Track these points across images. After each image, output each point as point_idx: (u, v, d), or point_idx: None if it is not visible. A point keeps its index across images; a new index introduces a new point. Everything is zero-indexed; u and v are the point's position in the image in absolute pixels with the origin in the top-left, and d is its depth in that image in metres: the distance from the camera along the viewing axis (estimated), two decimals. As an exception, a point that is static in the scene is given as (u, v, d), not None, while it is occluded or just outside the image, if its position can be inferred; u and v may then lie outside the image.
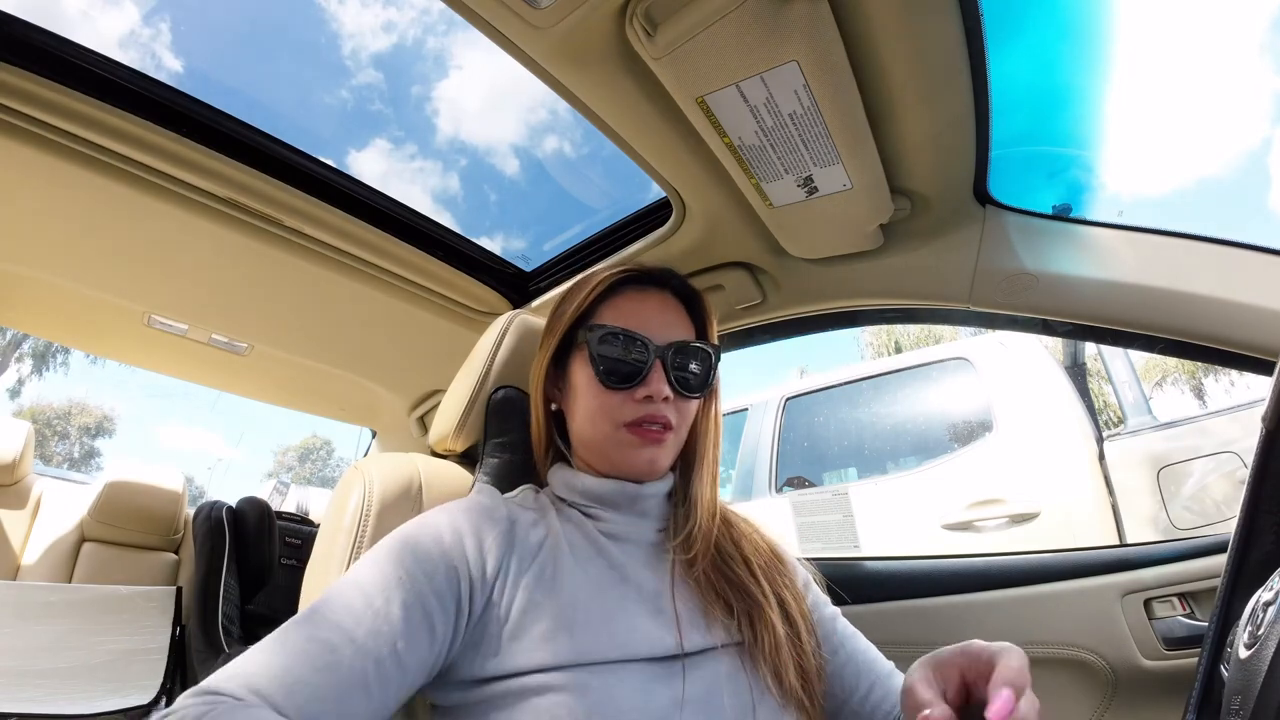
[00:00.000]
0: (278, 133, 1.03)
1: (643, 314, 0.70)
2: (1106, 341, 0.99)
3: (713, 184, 0.93)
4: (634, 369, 0.66)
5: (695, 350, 0.70)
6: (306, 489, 4.24)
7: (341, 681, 0.47)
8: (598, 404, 0.67)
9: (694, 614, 0.61)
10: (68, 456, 21.65)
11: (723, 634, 0.61)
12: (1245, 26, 25.78)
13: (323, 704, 0.46)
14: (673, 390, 0.67)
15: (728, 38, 0.66)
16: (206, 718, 0.42)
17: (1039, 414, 2.52)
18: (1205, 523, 2.21)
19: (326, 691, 0.46)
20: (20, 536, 2.26)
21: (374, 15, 27.62)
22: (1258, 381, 1.06)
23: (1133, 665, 0.98)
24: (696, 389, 0.69)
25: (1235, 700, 0.46)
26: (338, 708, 0.47)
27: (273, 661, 0.47)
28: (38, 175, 0.97)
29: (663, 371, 0.66)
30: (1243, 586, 0.54)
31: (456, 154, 27.77)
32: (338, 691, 0.47)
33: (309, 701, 0.46)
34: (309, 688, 0.46)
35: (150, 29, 16.09)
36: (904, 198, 0.92)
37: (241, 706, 0.44)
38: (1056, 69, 0.89)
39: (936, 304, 1.05)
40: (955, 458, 2.59)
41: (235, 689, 0.45)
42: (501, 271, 1.35)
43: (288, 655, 0.47)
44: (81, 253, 1.19)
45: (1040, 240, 0.94)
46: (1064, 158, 1.00)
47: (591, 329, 0.69)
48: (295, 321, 1.40)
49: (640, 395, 0.66)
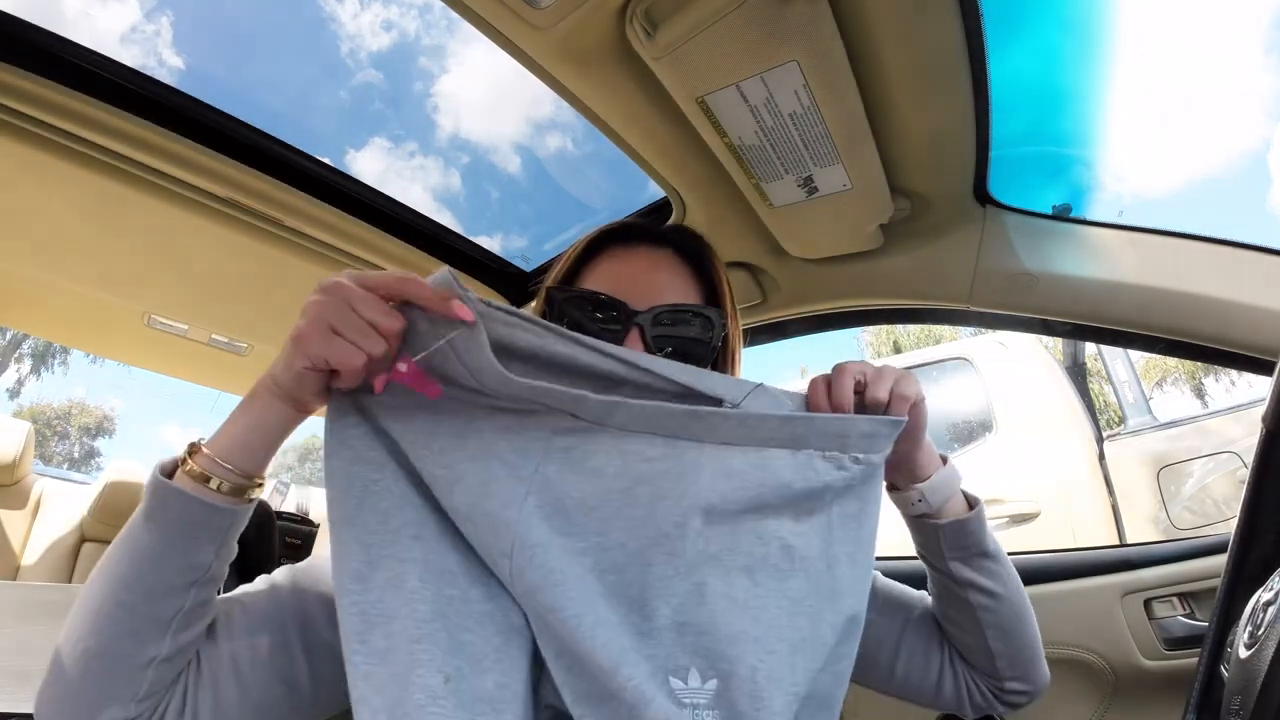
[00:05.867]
0: (277, 132, 1.03)
1: (624, 275, 0.62)
2: (1106, 341, 0.98)
3: (713, 184, 0.93)
4: (604, 338, 0.54)
5: (687, 315, 0.60)
6: (307, 489, 4.23)
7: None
8: None
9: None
10: (68, 456, 21.64)
11: None
12: (1246, 25, 25.79)
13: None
14: None
15: (728, 38, 0.66)
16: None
17: (1039, 414, 2.52)
18: (1205, 523, 2.21)
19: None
20: (20, 536, 2.26)
21: (374, 15, 27.62)
22: (1258, 381, 1.06)
23: (1133, 665, 0.98)
24: (691, 362, 0.57)
25: (1235, 700, 0.46)
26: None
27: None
28: (38, 175, 0.97)
29: (640, 341, 0.58)
30: (1243, 586, 0.54)
31: (456, 152, 27.80)
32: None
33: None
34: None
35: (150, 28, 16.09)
36: (904, 198, 0.92)
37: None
38: (1057, 69, 0.89)
39: (936, 304, 1.05)
40: (956, 458, 2.59)
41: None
42: (501, 271, 1.35)
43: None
44: (81, 253, 1.19)
45: (1040, 240, 0.94)
46: (1064, 158, 1.00)
47: (557, 291, 0.62)
48: (295, 321, 1.40)
49: None
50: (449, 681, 0.43)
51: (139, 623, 0.44)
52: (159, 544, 0.44)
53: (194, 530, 0.45)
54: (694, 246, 0.68)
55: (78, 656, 0.44)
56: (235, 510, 0.46)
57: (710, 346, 0.62)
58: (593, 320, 0.60)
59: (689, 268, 0.66)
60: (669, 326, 0.60)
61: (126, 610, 0.44)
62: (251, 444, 0.47)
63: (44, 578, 2.20)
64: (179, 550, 0.44)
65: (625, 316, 0.59)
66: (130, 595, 0.44)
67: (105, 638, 0.44)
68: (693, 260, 0.67)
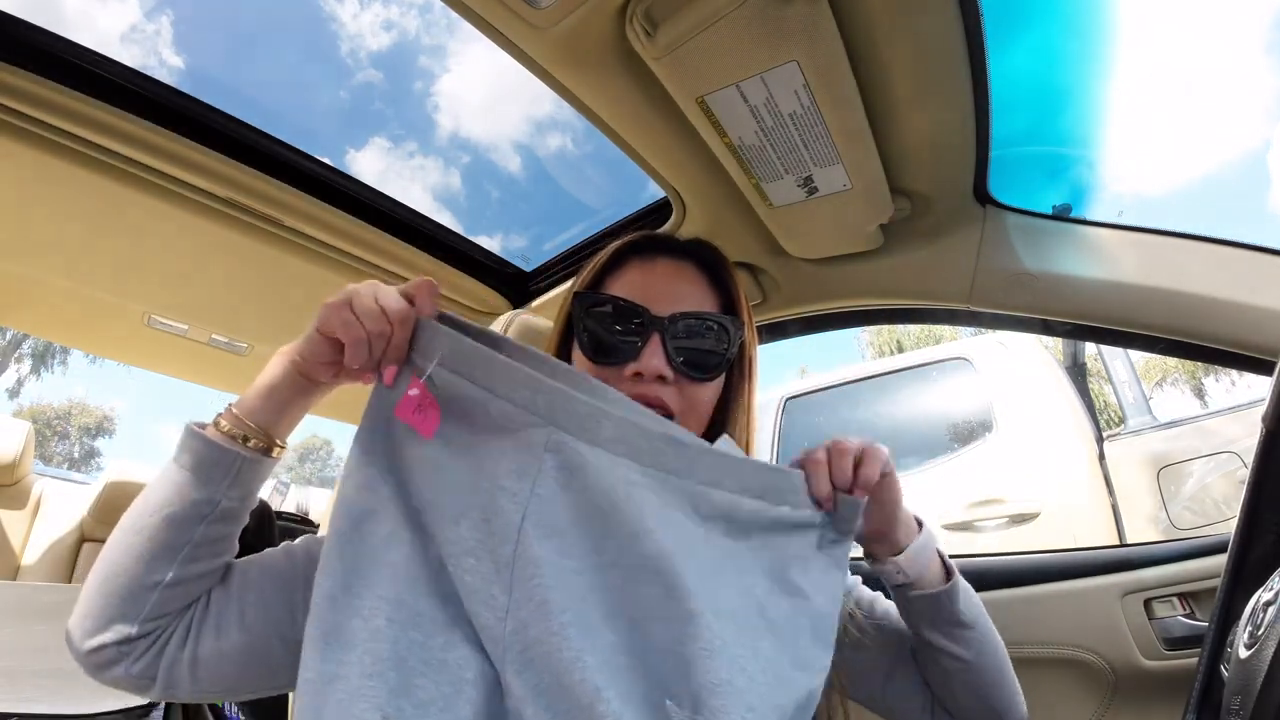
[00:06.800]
0: (277, 133, 1.03)
1: (645, 282, 0.65)
2: (1106, 341, 0.98)
3: (713, 184, 0.93)
4: (626, 342, 0.60)
5: (707, 323, 0.62)
6: (306, 489, 4.25)
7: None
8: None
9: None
10: (68, 456, 21.66)
11: None
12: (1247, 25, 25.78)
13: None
14: (673, 369, 0.60)
15: (728, 38, 0.66)
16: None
17: (1039, 414, 2.52)
18: (1205, 523, 2.21)
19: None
20: (20, 536, 2.26)
21: (374, 14, 27.62)
22: (1258, 381, 1.06)
23: (1133, 665, 0.98)
24: (706, 369, 0.62)
25: (1235, 700, 0.46)
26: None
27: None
28: (38, 175, 0.97)
29: (660, 346, 0.60)
30: (1243, 586, 0.54)
31: (456, 152, 27.81)
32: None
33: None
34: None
35: (150, 28, 16.11)
36: (904, 198, 0.92)
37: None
38: (1057, 68, 0.89)
39: (936, 304, 1.05)
40: (956, 458, 2.59)
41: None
42: (501, 271, 1.35)
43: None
44: (81, 253, 1.19)
45: (1040, 240, 0.94)
46: (1064, 157, 1.00)
47: (583, 297, 0.64)
48: (295, 321, 1.39)
49: (630, 372, 0.60)
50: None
51: (150, 546, 0.50)
52: (178, 478, 0.51)
53: (207, 466, 0.51)
54: (713, 260, 0.70)
55: (97, 575, 0.50)
56: (244, 455, 0.52)
57: (725, 357, 0.64)
58: (616, 324, 0.61)
59: (708, 279, 0.68)
60: (688, 333, 0.61)
61: (141, 536, 0.50)
62: (266, 403, 0.53)
63: (44, 578, 2.20)
64: (193, 485, 0.50)
65: (647, 321, 0.60)
66: (147, 521, 0.50)
67: (118, 557, 0.50)
68: (711, 273, 0.69)
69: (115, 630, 0.49)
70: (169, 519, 0.50)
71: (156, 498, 0.51)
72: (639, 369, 0.59)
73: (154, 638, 0.51)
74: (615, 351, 0.60)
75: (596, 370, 0.61)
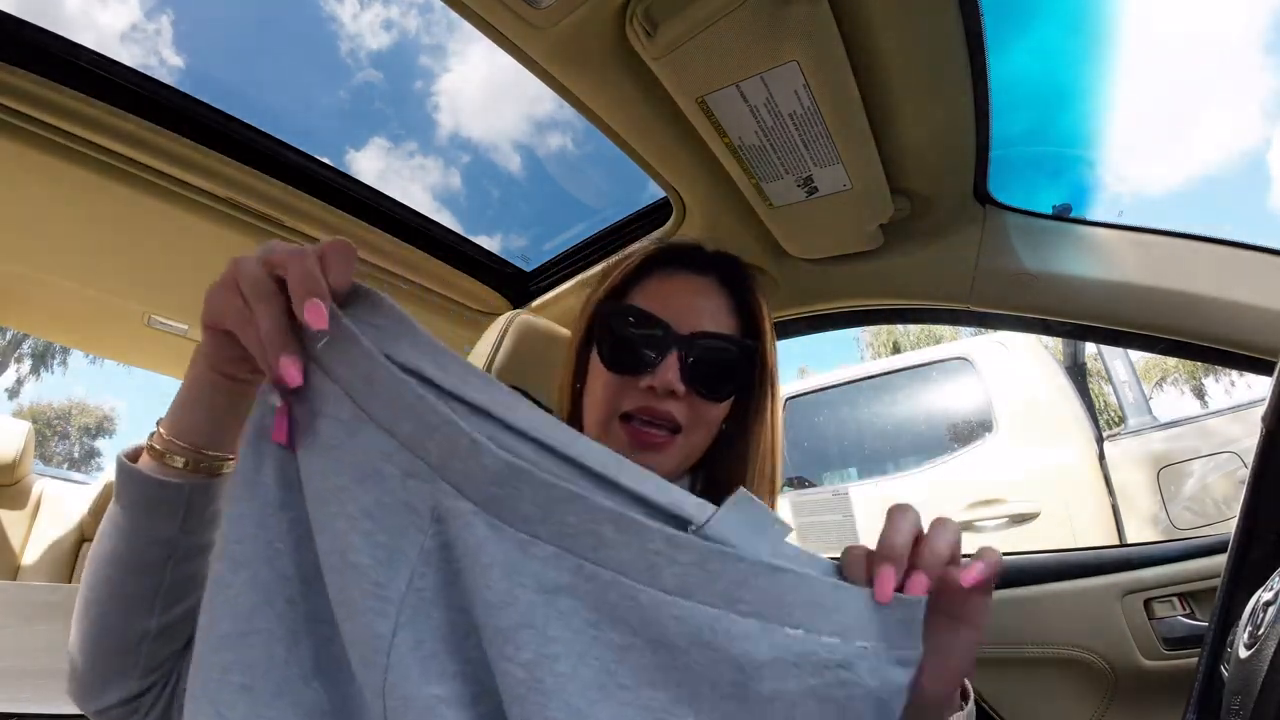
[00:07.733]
0: (277, 133, 1.03)
1: (668, 296, 0.64)
2: (1106, 341, 0.99)
3: (713, 184, 0.93)
4: (645, 354, 0.60)
5: (726, 346, 0.63)
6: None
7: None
8: (601, 387, 0.62)
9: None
10: (68, 456, 21.65)
11: None
12: (1247, 25, 25.80)
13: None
14: (688, 386, 0.60)
15: (728, 38, 0.66)
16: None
17: (1039, 414, 2.52)
18: (1205, 523, 2.21)
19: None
20: (20, 536, 2.26)
21: (374, 14, 27.65)
22: (1258, 381, 1.06)
23: (1133, 665, 0.98)
24: (717, 392, 0.62)
25: (1235, 700, 0.46)
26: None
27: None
28: (38, 175, 0.97)
29: (678, 363, 0.60)
30: (1243, 586, 0.54)
31: (456, 152, 27.80)
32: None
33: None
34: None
35: (150, 28, 16.12)
36: (904, 198, 0.92)
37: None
38: (1057, 68, 0.89)
39: (936, 304, 1.05)
40: (956, 458, 2.59)
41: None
42: (501, 271, 1.35)
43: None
44: (81, 253, 1.19)
45: (1040, 240, 0.94)
46: (1064, 157, 1.00)
47: (607, 303, 0.65)
48: (295, 321, 1.40)
49: (645, 384, 0.60)
50: None
51: (123, 600, 0.44)
52: (126, 521, 0.44)
53: (151, 506, 0.44)
54: (737, 276, 0.69)
55: (79, 638, 0.45)
56: (188, 485, 0.44)
57: (738, 382, 0.64)
58: (638, 336, 0.61)
59: (730, 297, 0.67)
60: (706, 352, 0.61)
61: (113, 586, 0.44)
62: (193, 416, 0.44)
63: (44, 578, 2.20)
64: (143, 526, 0.44)
65: (668, 338, 0.60)
66: (113, 571, 0.44)
67: (97, 615, 0.45)
68: (734, 289, 0.68)
69: (116, 691, 0.45)
70: (130, 568, 0.44)
71: (107, 549, 0.44)
72: (653, 384, 0.60)
73: (161, 686, 0.47)
74: (633, 363, 0.61)
75: (614, 377, 0.61)
